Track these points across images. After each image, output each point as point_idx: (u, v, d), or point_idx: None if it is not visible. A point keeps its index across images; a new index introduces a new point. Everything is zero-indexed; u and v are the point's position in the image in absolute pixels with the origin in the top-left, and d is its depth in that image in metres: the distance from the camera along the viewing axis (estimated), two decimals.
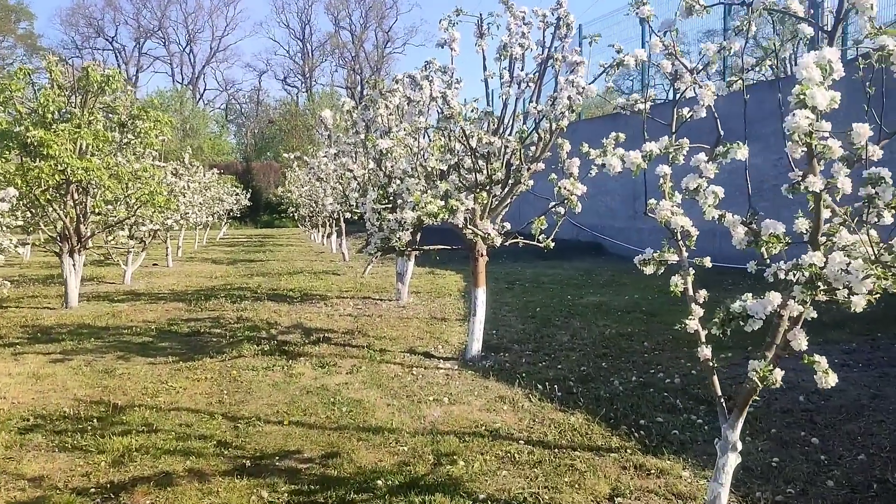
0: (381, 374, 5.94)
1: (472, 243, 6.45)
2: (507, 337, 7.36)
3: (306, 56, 64.86)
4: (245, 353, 6.78)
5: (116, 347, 7.11)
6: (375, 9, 63.64)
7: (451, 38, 6.14)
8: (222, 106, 65.38)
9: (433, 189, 5.98)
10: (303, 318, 8.68)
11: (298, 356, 6.63)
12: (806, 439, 4.08)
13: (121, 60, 60.32)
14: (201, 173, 19.32)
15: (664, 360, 6.16)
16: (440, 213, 5.44)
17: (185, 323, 8.47)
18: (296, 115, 52.20)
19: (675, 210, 3.22)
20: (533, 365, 6.18)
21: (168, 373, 6.08)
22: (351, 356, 6.62)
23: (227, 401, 5.24)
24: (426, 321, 8.38)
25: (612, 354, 6.51)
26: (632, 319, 8.09)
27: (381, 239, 6.33)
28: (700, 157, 2.92)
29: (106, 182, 9.37)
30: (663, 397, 5.02)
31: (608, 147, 3.23)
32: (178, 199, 14.50)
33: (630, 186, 15.70)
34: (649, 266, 3.43)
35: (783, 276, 2.84)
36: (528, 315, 8.48)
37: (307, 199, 20.52)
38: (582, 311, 8.64)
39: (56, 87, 9.41)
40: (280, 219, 41.87)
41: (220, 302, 10.17)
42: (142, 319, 8.78)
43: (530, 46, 5.90)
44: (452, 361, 6.44)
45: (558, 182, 6.08)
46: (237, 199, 29.64)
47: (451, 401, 5.13)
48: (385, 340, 7.31)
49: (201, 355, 6.71)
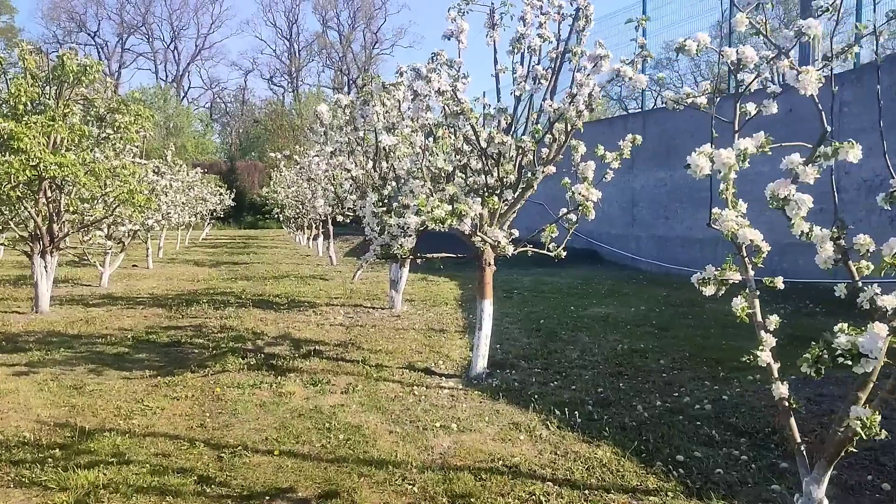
0: (379, 395, 5.41)
1: (480, 252, 5.95)
2: (512, 352, 6.86)
3: (293, 56, 64.19)
4: (229, 367, 6.23)
5: (88, 359, 6.52)
6: (364, 9, 63.11)
7: (458, 29, 5.64)
8: (207, 104, 64.56)
9: (439, 192, 5.48)
10: (291, 328, 8.13)
11: (288, 372, 6.08)
12: (875, 485, 3.59)
13: (103, 56, 59.28)
14: (184, 172, 18.67)
15: (686, 382, 5.68)
16: (448, 218, 4.94)
17: (165, 331, 7.88)
18: (282, 114, 51.52)
19: (741, 221, 2.72)
20: (544, 385, 5.68)
21: (144, 389, 5.51)
22: (345, 372, 6.08)
23: (209, 424, 4.69)
24: (424, 333, 7.86)
25: (628, 374, 6.03)
26: (643, 334, 7.61)
27: (381, 245, 5.81)
28: (793, 158, 2.41)
29: (82, 179, 8.76)
30: (696, 426, 4.52)
31: (702, 149, 2.67)
32: (160, 198, 13.89)
33: (628, 193, 15.28)
34: (709, 287, 2.92)
35: (886, 306, 2.34)
36: (533, 327, 7.98)
37: (293, 200, 19.94)
38: (588, 324, 8.15)
39: (29, 77, 8.80)
40: (264, 220, 41.16)
41: (202, 308, 9.59)
42: (118, 327, 8.18)
43: (549, 38, 5.41)
44: (456, 379, 5.92)
45: (572, 187, 5.63)
46: (221, 200, 28.95)
47: (460, 428, 4.61)
48: (381, 354, 6.78)
49: (181, 369, 6.14)
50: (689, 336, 7.45)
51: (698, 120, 13.63)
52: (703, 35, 2.85)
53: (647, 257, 14.91)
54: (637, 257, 15.14)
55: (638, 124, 15.11)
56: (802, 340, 2.96)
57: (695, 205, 13.66)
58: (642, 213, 15.12)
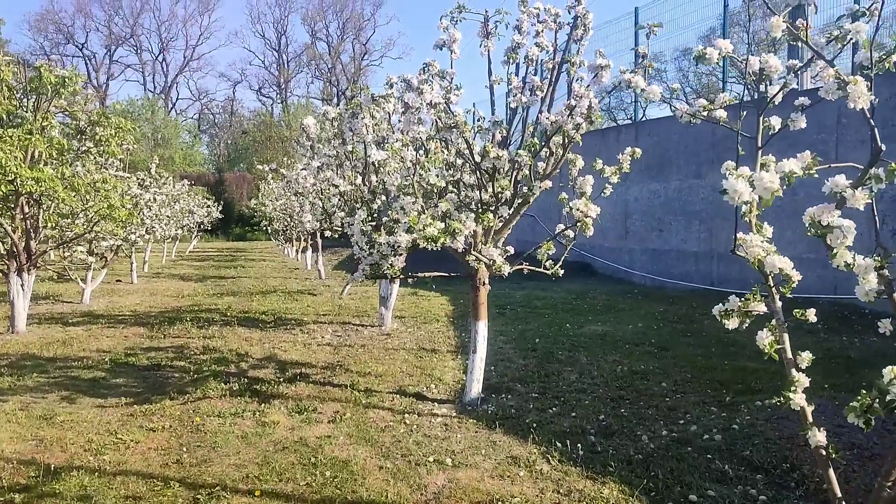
0: (368, 424, 5.10)
1: (474, 271, 5.67)
2: (507, 374, 6.57)
3: (282, 67, 63.90)
4: (211, 393, 5.91)
5: (62, 385, 6.19)
6: (353, 21, 63.01)
7: (451, 39, 5.38)
8: (195, 116, 64.11)
9: (431, 209, 5.21)
10: (277, 349, 7.81)
11: (272, 398, 5.77)
12: None
13: (91, 68, 58.82)
14: (170, 184, 18.32)
15: (691, 407, 5.41)
16: (441, 237, 4.66)
17: (145, 353, 7.55)
18: (270, 126, 51.19)
19: (767, 247, 2.46)
20: (542, 411, 5.40)
21: (119, 420, 5.19)
22: (333, 398, 5.77)
23: (186, 460, 4.37)
24: (414, 353, 7.56)
25: (630, 398, 5.75)
26: (642, 354, 7.34)
27: (370, 265, 5.53)
28: (838, 180, 2.14)
29: (60, 194, 8.44)
30: (707, 460, 4.24)
31: (739, 172, 2.41)
32: (143, 212, 13.55)
33: (621, 205, 15.06)
34: (732, 319, 2.64)
35: None
36: (528, 347, 7.69)
37: (282, 213, 19.63)
38: (586, 344, 7.87)
39: (5, 89, 8.48)
40: (252, 232, 40.81)
41: (185, 327, 9.25)
42: (96, 348, 7.84)
43: (547, 47, 5.16)
44: (449, 406, 5.63)
45: (569, 202, 5.39)
46: (208, 212, 28.59)
47: (454, 462, 4.31)
48: (370, 378, 6.48)
49: (160, 396, 5.82)
50: (689, 356, 7.19)
51: (693, 132, 13.48)
52: (725, 42, 2.59)
53: (640, 270, 14.68)
54: (631, 270, 14.91)
55: (630, 135, 14.92)
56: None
57: (689, 217, 13.45)
58: (636, 225, 14.90)
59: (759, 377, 6.21)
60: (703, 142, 12.98)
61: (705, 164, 12.97)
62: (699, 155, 13.08)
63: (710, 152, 12.83)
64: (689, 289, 12.84)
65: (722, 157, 13.44)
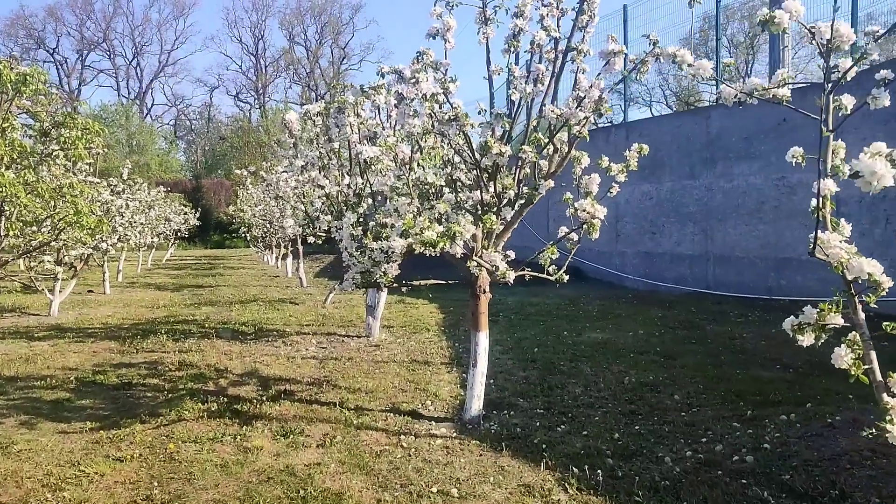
0: (362, 448, 4.62)
1: (474, 278, 5.22)
2: (508, 388, 6.12)
3: (259, 72, 63.16)
4: (187, 414, 5.39)
5: (21, 408, 5.64)
6: (331, 24, 62.45)
7: (445, 27, 4.93)
8: (171, 122, 63.16)
9: (428, 211, 4.75)
10: (258, 363, 7.30)
11: (254, 419, 5.27)
12: None
13: (63, 73, 57.77)
14: (144, 190, 17.68)
15: (711, 423, 4.99)
16: (440, 241, 4.22)
17: (115, 370, 7.00)
18: (248, 131, 50.50)
19: (849, 248, 2.04)
20: (551, 430, 4.95)
21: (82, 449, 4.66)
22: (321, 419, 5.28)
23: (158, 496, 3.86)
24: (406, 366, 7.08)
25: (643, 413, 5.33)
26: (648, 363, 6.92)
27: (360, 273, 5.05)
28: None
29: (23, 200, 7.87)
30: (742, 486, 3.82)
31: (876, 148, 1.96)
32: (115, 219, 12.94)
33: (613, 208, 14.67)
34: (806, 334, 2.21)
35: None
36: (527, 358, 7.24)
37: (261, 219, 19.06)
38: (587, 353, 7.44)
39: None
40: (231, 239, 40.17)
41: (159, 340, 8.70)
42: (62, 365, 7.28)
43: (554, 30, 4.71)
44: (448, 424, 5.16)
45: (574, 203, 4.97)
46: (185, 219, 27.91)
47: (461, 493, 3.85)
48: (361, 395, 5.99)
49: (130, 419, 5.30)
50: (698, 365, 6.78)
51: (686, 131, 13.13)
52: (795, 3, 2.16)
53: (632, 274, 14.31)
54: (623, 274, 14.54)
55: (621, 135, 14.56)
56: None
57: (682, 219, 13.11)
58: (627, 227, 14.54)
59: (777, 388, 5.82)
60: (697, 141, 12.65)
61: (699, 164, 12.64)
62: (692, 155, 12.75)
63: (704, 152, 12.50)
64: (684, 292, 12.49)
65: (716, 157, 13.16)
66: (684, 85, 37.98)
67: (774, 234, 11.07)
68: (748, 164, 11.56)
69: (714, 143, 12.33)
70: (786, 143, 10.49)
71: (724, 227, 12.13)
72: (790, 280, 10.71)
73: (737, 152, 11.84)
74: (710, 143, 12.39)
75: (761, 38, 29.44)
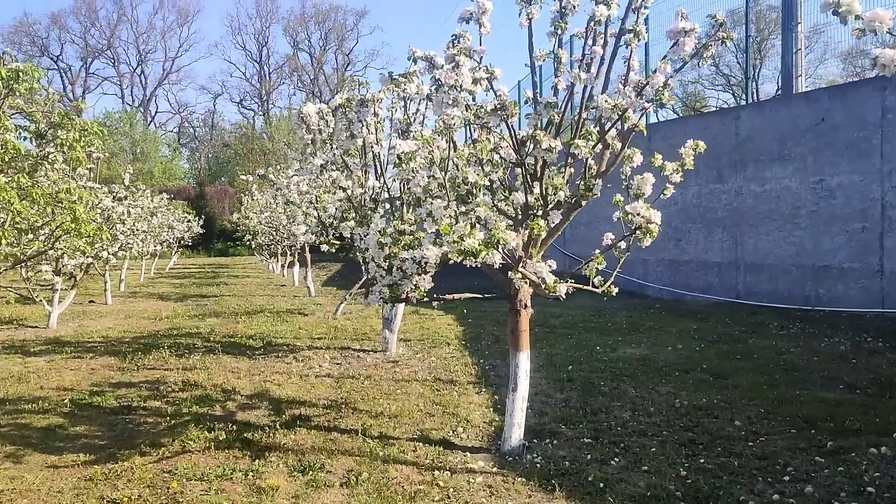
0: (392, 488, 4.03)
1: (514, 291, 4.64)
2: (547, 413, 5.52)
3: (263, 78, 62.82)
4: (192, 445, 4.80)
5: (8, 437, 5.06)
6: (335, 31, 62.10)
7: (480, 10, 4.36)
8: (175, 129, 62.77)
9: (465, 216, 4.16)
10: (269, 383, 6.71)
11: (267, 450, 4.68)
12: None
13: (67, 81, 57.44)
14: (147, 197, 17.13)
15: (787, 456, 4.38)
16: (483, 249, 3.66)
17: (114, 391, 6.42)
18: (252, 138, 50.06)
19: None
20: (605, 463, 4.35)
21: (73, 488, 4.08)
22: (342, 450, 4.69)
23: None
24: (430, 385, 6.49)
25: (703, 442, 4.72)
26: (697, 383, 6.31)
27: (387, 285, 4.46)
28: None
29: (17, 206, 7.31)
30: None
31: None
32: (116, 226, 12.37)
33: None
34: None
35: None
36: (563, 377, 6.63)
37: (267, 226, 18.50)
38: (628, 371, 6.83)
39: None
40: (235, 247, 39.65)
41: (162, 355, 8.11)
42: (57, 385, 6.70)
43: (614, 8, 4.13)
44: (485, 456, 4.57)
45: (626, 206, 4.42)
46: (189, 227, 27.39)
47: None
48: (384, 420, 5.40)
49: (128, 451, 4.71)
50: (753, 385, 6.17)
51: (713, 133, 12.53)
52: None
53: (656, 283, 13.71)
54: (645, 283, 13.93)
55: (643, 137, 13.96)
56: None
57: (710, 225, 12.51)
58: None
59: (850, 412, 5.22)
60: (725, 143, 12.06)
61: (727, 167, 12.05)
62: (720, 158, 12.15)
63: (733, 154, 11.91)
64: (712, 302, 11.88)
65: (746, 160, 12.54)
66: (690, 91, 37.50)
67: (812, 240, 10.46)
68: (782, 167, 10.96)
69: (744, 144, 11.74)
70: (823, 143, 9.80)
71: (756, 233, 11.52)
72: (830, 289, 10.09)
73: (769, 154, 11.24)
74: (740, 144, 11.80)
75: (768, 42, 28.95)
